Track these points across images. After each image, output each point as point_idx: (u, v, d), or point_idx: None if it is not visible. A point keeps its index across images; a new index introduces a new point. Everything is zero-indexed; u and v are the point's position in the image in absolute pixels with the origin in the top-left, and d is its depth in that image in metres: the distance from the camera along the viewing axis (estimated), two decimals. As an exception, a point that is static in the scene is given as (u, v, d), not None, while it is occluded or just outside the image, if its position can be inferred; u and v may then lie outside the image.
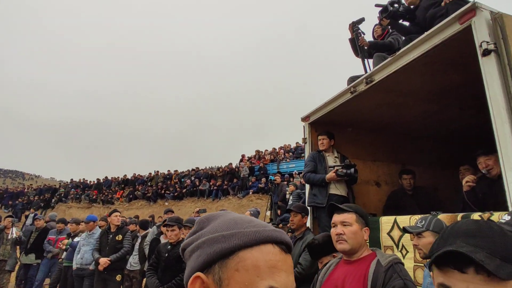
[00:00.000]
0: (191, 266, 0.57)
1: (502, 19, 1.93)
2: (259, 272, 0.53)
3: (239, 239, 0.55)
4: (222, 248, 0.54)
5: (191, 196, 16.54)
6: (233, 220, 0.60)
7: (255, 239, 0.55)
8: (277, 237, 0.58)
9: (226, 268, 0.54)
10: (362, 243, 1.80)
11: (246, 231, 0.56)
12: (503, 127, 1.81)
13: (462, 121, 3.89)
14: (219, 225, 0.59)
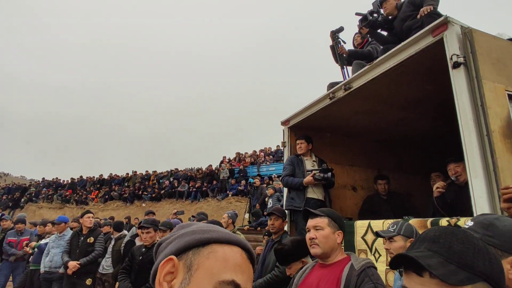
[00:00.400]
0: (166, 252, 0.62)
1: (471, 34, 2.02)
2: (227, 265, 0.59)
3: (215, 234, 0.62)
4: (200, 237, 0.61)
5: (169, 197, 16.26)
6: (211, 225, 0.68)
7: (228, 238, 0.63)
8: (246, 245, 0.65)
9: (199, 255, 0.59)
10: (335, 246, 1.82)
11: (222, 231, 0.64)
12: (470, 137, 1.90)
13: (435, 129, 4.04)
14: (199, 226, 0.66)
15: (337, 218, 1.89)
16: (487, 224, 1.07)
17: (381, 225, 2.69)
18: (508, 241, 1.01)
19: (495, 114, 1.89)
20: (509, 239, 1.02)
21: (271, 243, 3.45)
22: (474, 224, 1.10)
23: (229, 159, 17.17)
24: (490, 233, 1.04)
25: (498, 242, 1.02)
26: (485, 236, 1.04)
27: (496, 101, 1.93)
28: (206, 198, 14.63)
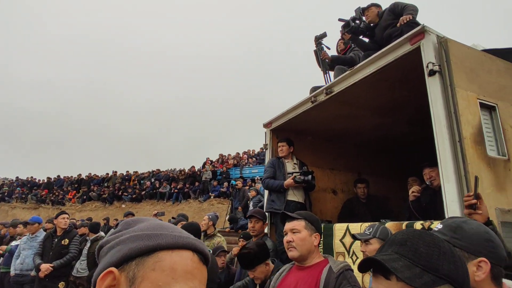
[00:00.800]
0: (106, 261, 0.56)
1: (446, 43, 2.09)
2: (175, 275, 0.54)
3: (162, 239, 0.56)
4: (144, 245, 0.55)
5: (150, 198, 15.98)
6: (160, 224, 0.62)
7: (177, 243, 0.57)
8: (198, 247, 0.60)
9: (143, 266, 0.53)
10: (312, 249, 1.83)
11: (170, 234, 0.58)
12: (444, 143, 1.96)
13: (412, 134, 4.15)
14: (145, 226, 0.60)
15: (314, 221, 1.90)
16: (455, 227, 1.10)
17: (359, 228, 2.73)
18: (474, 243, 1.04)
19: (467, 121, 1.96)
20: (475, 241, 1.05)
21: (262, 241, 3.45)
22: (443, 227, 1.13)
23: (211, 160, 17.05)
24: (458, 235, 1.07)
25: (465, 245, 1.05)
26: (453, 239, 1.07)
27: (468, 109, 2.00)
28: (187, 200, 14.46)
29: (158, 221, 0.63)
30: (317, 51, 4.32)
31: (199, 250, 0.60)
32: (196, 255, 0.59)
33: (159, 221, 0.64)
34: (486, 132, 2.05)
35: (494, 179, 1.93)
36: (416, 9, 3.31)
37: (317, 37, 4.35)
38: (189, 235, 0.61)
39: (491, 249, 1.04)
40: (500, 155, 2.06)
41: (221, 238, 4.45)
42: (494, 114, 2.14)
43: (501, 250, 1.07)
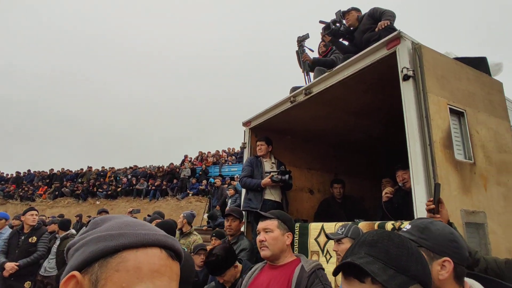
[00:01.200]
0: (70, 264, 0.55)
1: (420, 49, 2.16)
2: (140, 275, 0.52)
3: (126, 239, 0.54)
4: (106, 246, 0.53)
5: (126, 195, 15.60)
6: (127, 222, 0.60)
7: (142, 241, 0.55)
8: (166, 242, 0.58)
9: (106, 268, 0.52)
10: (284, 248, 1.83)
11: (135, 232, 0.56)
12: (415, 145, 2.02)
13: (388, 137, 4.27)
14: (111, 226, 0.59)
15: (287, 220, 1.91)
16: (422, 227, 1.13)
17: (333, 228, 2.78)
18: (439, 244, 1.08)
19: (437, 125, 2.03)
20: (440, 242, 1.09)
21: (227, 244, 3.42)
22: (411, 227, 1.17)
23: (191, 158, 16.86)
24: (425, 236, 1.10)
25: (431, 245, 1.08)
26: (420, 239, 1.10)
27: (439, 113, 2.07)
28: (165, 197, 14.23)
29: (126, 219, 0.61)
30: (298, 52, 4.37)
31: (168, 246, 0.58)
32: (164, 252, 0.57)
33: (128, 219, 0.62)
34: (455, 136, 2.13)
35: (460, 181, 2.01)
36: (394, 15, 3.40)
37: (299, 38, 4.39)
38: (159, 231, 0.60)
39: (455, 249, 1.08)
40: (467, 159, 2.15)
41: (197, 236, 4.41)
42: (462, 120, 2.23)
43: (464, 250, 1.11)
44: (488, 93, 2.53)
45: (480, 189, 2.11)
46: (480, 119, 2.34)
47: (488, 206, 2.09)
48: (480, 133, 2.28)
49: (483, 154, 2.23)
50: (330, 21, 3.79)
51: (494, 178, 2.23)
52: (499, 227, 2.05)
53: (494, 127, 2.43)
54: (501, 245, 1.99)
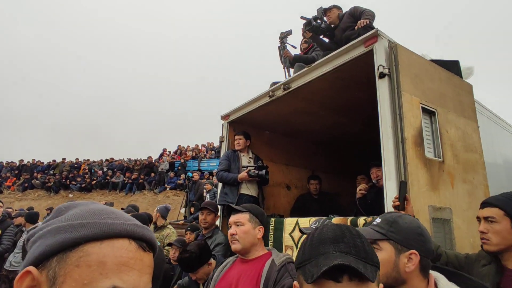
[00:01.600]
0: (26, 258, 0.49)
1: (396, 49, 2.20)
2: (104, 269, 0.48)
3: (88, 229, 0.49)
4: (65, 239, 0.48)
5: (101, 188, 15.17)
6: (93, 210, 0.54)
7: (107, 232, 0.50)
8: (136, 232, 0.53)
9: (65, 263, 0.47)
10: (255, 242, 1.83)
11: (100, 222, 0.51)
12: (388, 142, 2.06)
13: (364, 134, 4.34)
14: (74, 214, 0.53)
15: (259, 214, 1.91)
16: (391, 221, 1.15)
17: (307, 222, 2.80)
18: (406, 237, 1.10)
19: (409, 123, 2.08)
20: (408, 235, 1.11)
21: (201, 238, 3.39)
22: (381, 221, 1.19)
23: (170, 152, 16.59)
24: (393, 229, 1.12)
25: (399, 238, 1.10)
26: (389, 232, 1.12)
27: (412, 111, 2.12)
28: (142, 191, 13.96)
29: (93, 207, 0.55)
30: (280, 48, 4.36)
31: (138, 236, 0.53)
32: (134, 243, 0.52)
33: (96, 206, 0.56)
34: (426, 135, 2.19)
35: (429, 178, 2.07)
36: (374, 15, 3.45)
37: (282, 34, 4.38)
38: (128, 220, 0.55)
39: (421, 243, 1.10)
40: (436, 157, 2.21)
41: (171, 229, 4.35)
42: (433, 119, 2.30)
43: (430, 243, 1.14)
44: (459, 94, 2.62)
45: (447, 186, 2.18)
46: (450, 119, 2.42)
47: (454, 202, 2.16)
48: (449, 133, 2.35)
49: (451, 153, 2.31)
50: (311, 18, 3.80)
51: (460, 176, 2.32)
52: (464, 223, 2.13)
53: (462, 127, 2.52)
54: (465, 240, 2.07)
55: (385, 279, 1.09)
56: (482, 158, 2.62)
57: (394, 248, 1.09)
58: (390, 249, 1.10)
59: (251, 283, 1.73)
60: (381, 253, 1.11)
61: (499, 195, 1.52)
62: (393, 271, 1.08)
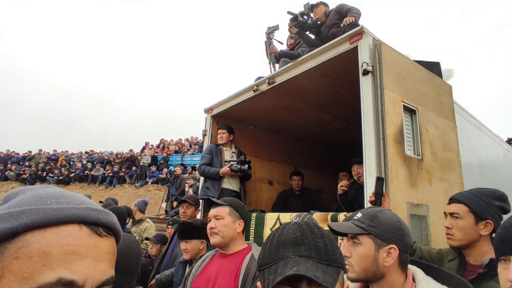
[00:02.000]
0: None
1: (380, 46, 2.21)
2: (47, 260, 0.43)
3: (28, 217, 0.44)
4: (2, 229, 0.42)
5: (80, 181, 14.76)
6: (39, 196, 0.48)
7: (50, 218, 0.44)
8: (89, 216, 0.48)
9: (3, 256, 0.42)
10: (234, 236, 1.81)
11: (44, 208, 0.45)
12: (369, 139, 2.08)
13: (348, 132, 4.40)
14: (18, 201, 0.47)
15: (239, 207, 1.89)
16: (372, 215, 1.16)
17: (289, 218, 2.80)
18: (386, 231, 1.11)
19: (391, 121, 2.10)
20: (388, 230, 1.11)
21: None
22: (362, 215, 1.19)
23: (152, 145, 16.31)
24: (373, 223, 1.13)
25: (379, 232, 1.11)
26: (369, 227, 1.12)
27: (393, 109, 2.14)
28: (122, 184, 13.67)
29: (42, 191, 0.49)
30: (266, 43, 4.34)
31: (92, 221, 0.48)
32: (86, 228, 0.47)
33: (45, 190, 0.50)
34: (406, 132, 2.22)
35: (408, 175, 2.11)
36: (359, 13, 3.47)
37: (269, 29, 4.35)
38: (81, 203, 0.49)
39: (400, 237, 1.11)
40: (416, 155, 2.25)
41: (149, 223, 4.29)
42: (414, 117, 2.34)
43: (409, 238, 1.15)
44: (439, 94, 2.68)
45: (425, 183, 2.23)
46: (430, 118, 2.46)
47: (431, 199, 2.21)
48: (428, 131, 2.40)
49: (430, 151, 2.36)
50: (298, 13, 3.79)
51: (438, 174, 2.37)
52: (440, 220, 2.18)
53: (441, 126, 2.57)
54: (440, 236, 2.12)
55: (364, 273, 1.09)
56: (458, 158, 2.69)
57: (374, 243, 1.10)
58: (370, 243, 1.10)
59: (230, 277, 1.70)
60: (361, 247, 1.11)
61: (466, 192, 1.57)
62: (372, 265, 1.08)
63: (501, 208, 1.48)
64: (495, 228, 1.44)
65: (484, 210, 1.45)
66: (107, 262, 0.49)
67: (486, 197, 1.48)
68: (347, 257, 1.13)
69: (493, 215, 1.45)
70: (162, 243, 3.60)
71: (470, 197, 1.50)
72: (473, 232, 1.44)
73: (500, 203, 1.49)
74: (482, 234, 1.43)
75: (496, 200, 1.48)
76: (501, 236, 0.96)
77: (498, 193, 1.51)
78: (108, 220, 0.51)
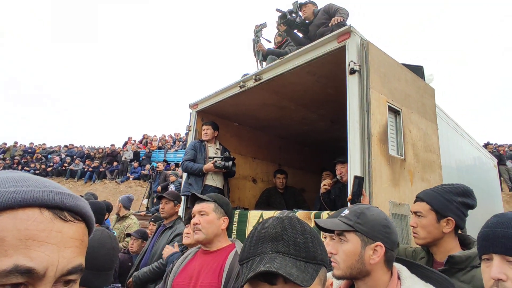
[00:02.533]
0: None
1: (368, 46, 2.22)
2: (2, 246, 0.40)
3: None
4: None
5: (58, 175, 14.28)
6: (2, 179, 0.44)
7: (5, 201, 0.41)
8: (50, 199, 0.44)
9: None
10: (218, 232, 1.77)
11: (2, 191, 0.42)
12: (354, 137, 2.08)
13: (332, 132, 4.43)
14: None
15: (224, 204, 1.85)
16: (359, 212, 1.15)
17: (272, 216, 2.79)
18: (373, 229, 1.10)
19: (376, 120, 2.11)
20: (374, 227, 1.10)
21: (162, 228, 3.27)
22: (349, 212, 1.18)
23: (135, 141, 15.98)
24: (360, 221, 1.12)
25: (366, 230, 1.10)
26: (356, 224, 1.11)
27: (379, 109, 2.16)
28: (103, 180, 13.32)
29: (3, 175, 0.46)
30: (254, 41, 4.31)
31: (54, 204, 0.45)
32: (48, 212, 0.44)
33: (5, 175, 0.47)
34: (390, 132, 2.25)
35: (391, 175, 2.13)
36: (347, 13, 3.50)
37: (257, 26, 4.33)
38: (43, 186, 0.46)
39: (387, 235, 1.10)
40: (399, 155, 2.28)
41: (133, 220, 4.18)
42: (398, 118, 2.36)
43: (395, 236, 1.15)
44: (422, 97, 2.72)
45: (407, 183, 2.26)
46: (413, 119, 2.50)
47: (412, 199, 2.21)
48: (411, 132, 2.43)
49: (413, 152, 2.40)
50: (286, 11, 3.78)
51: (419, 174, 2.41)
52: (420, 219, 2.22)
53: (424, 128, 2.62)
54: (420, 236, 2.16)
55: (350, 271, 1.08)
56: (439, 159, 2.75)
57: (360, 240, 1.09)
58: (356, 240, 1.09)
59: (213, 275, 1.66)
60: (347, 244, 1.10)
61: (430, 189, 1.57)
62: (358, 262, 1.07)
63: (464, 204, 1.47)
64: (458, 225, 1.45)
65: (445, 207, 1.45)
66: (74, 248, 0.46)
67: (448, 193, 1.48)
68: (333, 254, 1.12)
69: (455, 212, 1.45)
70: (143, 238, 3.51)
71: (432, 194, 1.50)
72: (435, 230, 1.45)
73: (463, 199, 1.47)
74: (445, 232, 1.44)
75: (458, 196, 1.47)
76: (483, 235, 0.96)
77: (460, 189, 1.49)
78: (74, 203, 0.47)
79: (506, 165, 9.81)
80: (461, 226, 1.47)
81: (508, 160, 10.07)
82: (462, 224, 1.46)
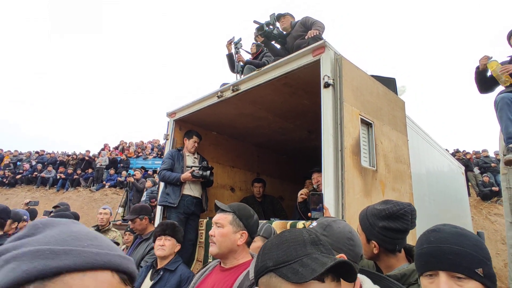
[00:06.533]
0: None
1: (341, 61, 2.30)
2: None
3: (71, 258, 0.44)
4: (46, 266, 0.43)
5: (28, 183, 13.62)
6: (75, 234, 0.48)
7: (91, 263, 0.46)
8: (121, 265, 0.50)
9: None
10: (233, 248, 1.59)
11: (84, 250, 0.46)
12: (328, 149, 2.14)
13: (309, 142, 4.52)
14: (54, 236, 0.47)
15: (244, 217, 1.66)
16: (325, 225, 1.19)
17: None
18: (337, 241, 1.14)
19: (349, 133, 2.18)
20: (338, 239, 1.15)
21: (139, 240, 3.21)
22: (317, 224, 1.22)
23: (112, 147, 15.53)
24: (326, 233, 1.15)
25: (331, 241, 1.13)
26: (322, 236, 1.14)
27: (351, 122, 2.23)
28: (76, 188, 12.82)
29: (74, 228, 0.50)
30: (230, 56, 4.37)
31: (122, 269, 0.50)
32: (117, 276, 0.49)
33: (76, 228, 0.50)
34: (363, 144, 2.33)
35: (363, 185, 2.20)
36: (323, 26, 3.60)
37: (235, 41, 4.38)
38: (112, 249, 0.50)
39: (350, 247, 1.14)
40: (371, 166, 2.36)
41: (117, 232, 4.04)
42: (370, 130, 2.45)
43: (359, 248, 1.19)
44: (393, 109, 2.84)
45: (379, 193, 2.34)
46: (385, 131, 2.60)
47: (383, 209, 2.32)
48: (383, 144, 2.53)
49: (384, 163, 2.49)
50: (264, 23, 3.85)
51: (390, 184, 2.51)
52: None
53: (394, 139, 2.73)
54: (390, 244, 2.23)
55: None
56: (409, 169, 2.86)
57: None
58: None
59: None
60: None
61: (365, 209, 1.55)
62: None
63: (386, 228, 1.39)
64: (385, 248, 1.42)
65: (369, 231, 1.45)
66: None
67: (372, 217, 1.45)
68: None
69: (377, 236, 1.41)
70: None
71: (363, 216, 1.52)
72: (368, 249, 1.46)
73: (385, 223, 1.39)
74: (374, 252, 1.44)
75: (380, 220, 1.41)
76: (429, 252, 0.98)
77: (385, 212, 1.41)
78: (133, 269, 0.53)
79: (473, 171, 10.31)
80: (389, 248, 1.42)
81: (475, 167, 10.59)
82: (389, 247, 1.41)
